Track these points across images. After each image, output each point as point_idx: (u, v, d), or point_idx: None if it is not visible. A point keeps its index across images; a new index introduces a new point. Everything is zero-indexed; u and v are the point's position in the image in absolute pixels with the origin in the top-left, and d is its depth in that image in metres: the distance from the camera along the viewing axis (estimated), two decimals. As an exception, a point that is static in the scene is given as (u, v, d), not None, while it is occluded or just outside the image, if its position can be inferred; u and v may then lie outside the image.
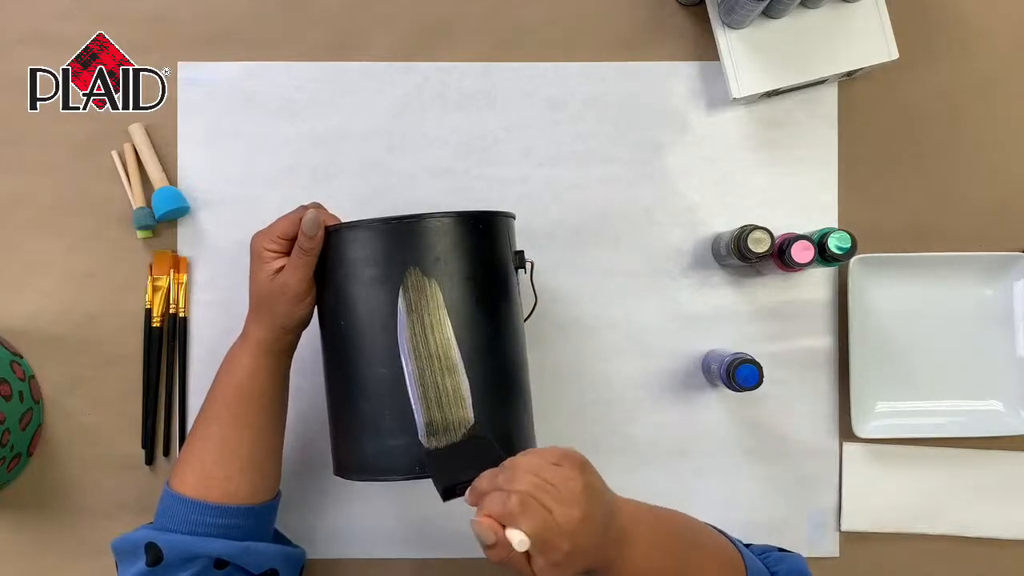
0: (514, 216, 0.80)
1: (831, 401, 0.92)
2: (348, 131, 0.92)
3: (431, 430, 0.71)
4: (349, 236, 0.74)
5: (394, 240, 0.73)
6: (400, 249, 0.73)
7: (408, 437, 0.72)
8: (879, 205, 0.93)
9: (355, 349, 0.74)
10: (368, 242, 0.74)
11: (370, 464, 0.74)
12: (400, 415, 0.72)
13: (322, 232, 0.74)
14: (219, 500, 0.76)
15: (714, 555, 0.70)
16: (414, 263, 0.72)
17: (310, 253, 0.75)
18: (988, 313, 0.92)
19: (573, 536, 0.61)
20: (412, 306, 0.72)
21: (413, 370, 0.72)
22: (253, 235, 0.78)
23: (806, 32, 0.89)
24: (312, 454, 0.91)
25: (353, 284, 0.74)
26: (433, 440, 0.71)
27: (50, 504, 0.91)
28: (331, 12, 0.93)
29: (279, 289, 0.76)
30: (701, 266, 0.92)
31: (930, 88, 0.93)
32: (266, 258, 0.77)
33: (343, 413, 0.76)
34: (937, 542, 0.92)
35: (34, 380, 0.91)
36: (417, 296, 0.72)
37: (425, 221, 0.73)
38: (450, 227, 0.73)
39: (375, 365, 0.73)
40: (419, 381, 0.72)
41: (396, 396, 0.72)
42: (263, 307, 0.78)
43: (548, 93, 0.93)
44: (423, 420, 0.71)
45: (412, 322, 0.72)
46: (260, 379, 0.78)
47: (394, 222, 0.73)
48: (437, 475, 0.70)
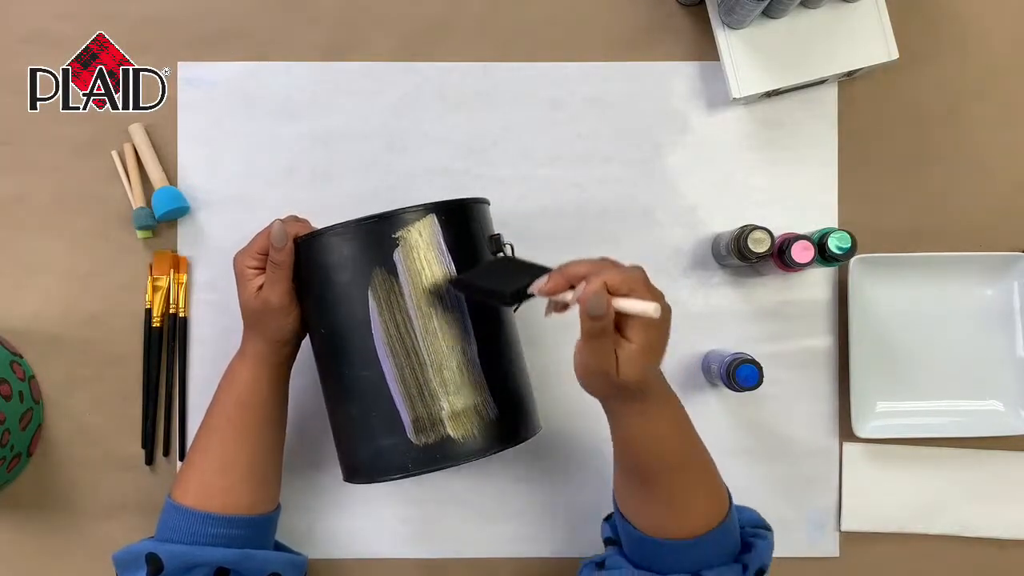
0: (487, 201, 0.80)
1: (831, 401, 0.92)
2: (348, 131, 0.92)
3: (418, 427, 0.71)
4: (317, 244, 0.74)
5: (359, 242, 0.73)
6: (364, 251, 0.73)
7: (397, 436, 0.72)
8: (879, 205, 0.93)
9: (338, 354, 0.75)
10: (335, 247, 0.73)
11: (366, 467, 0.74)
12: (387, 415, 0.72)
13: (291, 244, 0.75)
14: (220, 510, 0.76)
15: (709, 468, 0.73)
16: (379, 263, 0.72)
17: (282, 266, 0.75)
18: (988, 313, 0.92)
19: (668, 331, 0.65)
20: (382, 306, 0.72)
21: (392, 369, 0.72)
22: (235, 255, 0.79)
23: (806, 32, 0.89)
24: (312, 455, 0.91)
25: (328, 290, 0.74)
26: (422, 437, 0.71)
27: (50, 504, 0.91)
28: (331, 12, 0.93)
29: (263, 306, 0.77)
30: (701, 266, 0.92)
31: (930, 88, 0.93)
32: (248, 276, 0.78)
33: (337, 418, 0.77)
34: (937, 542, 0.92)
35: (34, 380, 0.91)
36: (386, 295, 0.72)
37: (385, 220, 0.73)
38: (412, 222, 0.73)
39: (356, 368, 0.73)
40: (399, 380, 0.72)
41: (380, 397, 0.72)
42: (254, 324, 0.79)
43: (548, 93, 0.93)
44: (409, 418, 0.72)
45: (384, 321, 0.72)
46: (260, 391, 0.79)
47: (353, 224, 0.73)
48: (504, 286, 0.69)
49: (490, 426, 0.73)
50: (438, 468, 0.72)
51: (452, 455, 0.72)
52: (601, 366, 0.63)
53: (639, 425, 0.68)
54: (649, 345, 0.63)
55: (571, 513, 0.92)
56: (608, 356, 0.63)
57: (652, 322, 0.62)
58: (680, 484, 0.70)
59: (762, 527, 0.77)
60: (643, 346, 0.63)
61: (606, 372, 0.63)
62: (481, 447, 0.72)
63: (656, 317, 0.61)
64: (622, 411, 0.68)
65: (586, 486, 0.92)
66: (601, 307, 0.61)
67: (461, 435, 0.72)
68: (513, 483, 0.92)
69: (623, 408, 0.68)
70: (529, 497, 0.92)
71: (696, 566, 0.70)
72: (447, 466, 0.72)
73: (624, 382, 0.64)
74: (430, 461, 0.71)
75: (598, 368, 0.64)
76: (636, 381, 0.64)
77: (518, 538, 0.92)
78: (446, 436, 0.71)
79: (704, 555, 0.70)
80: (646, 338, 0.63)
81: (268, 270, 0.76)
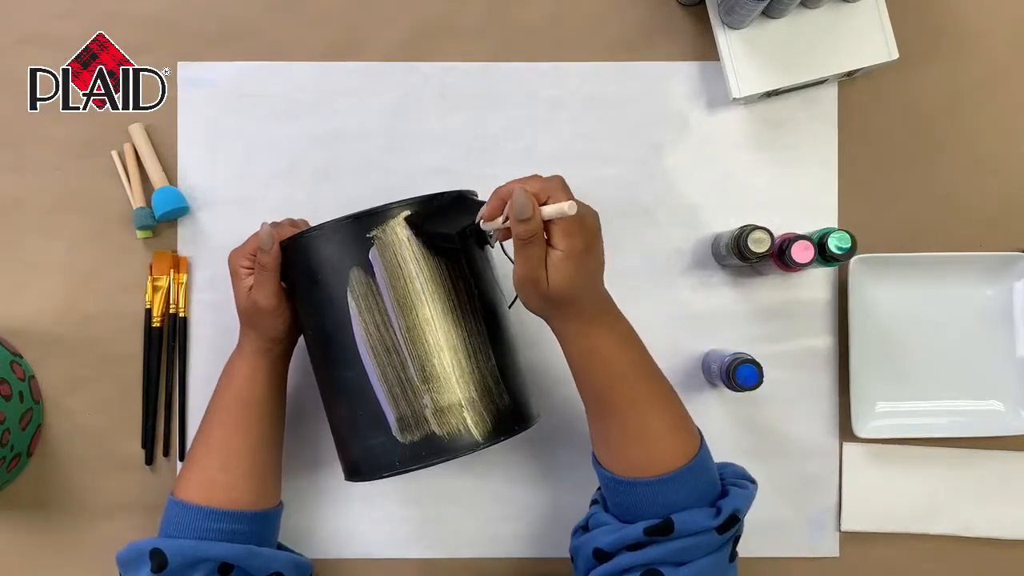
0: (471, 192, 0.78)
1: (831, 401, 0.92)
2: (348, 131, 0.92)
3: (403, 424, 0.71)
4: (299, 245, 0.74)
5: (336, 243, 0.73)
6: (341, 251, 0.73)
7: (384, 435, 0.72)
8: (879, 205, 0.93)
9: (324, 355, 0.75)
10: (315, 249, 0.74)
11: (359, 465, 0.74)
12: (372, 415, 0.72)
13: (277, 247, 0.75)
14: (223, 506, 0.76)
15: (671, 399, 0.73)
16: (356, 263, 0.72)
17: (268, 268, 0.75)
18: (988, 313, 0.92)
19: (594, 238, 0.68)
20: (360, 306, 0.72)
21: (374, 369, 0.72)
22: (229, 253, 0.79)
23: (806, 32, 0.89)
24: (312, 455, 0.91)
25: (312, 292, 0.74)
26: (407, 434, 0.71)
27: (50, 504, 0.91)
28: (331, 12, 0.93)
29: (252, 306, 0.77)
30: (701, 266, 0.92)
31: (930, 88, 0.93)
32: (241, 275, 0.78)
33: (332, 418, 0.77)
34: (937, 542, 0.92)
35: (34, 380, 0.91)
36: (364, 295, 0.72)
37: (360, 220, 0.72)
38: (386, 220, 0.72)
39: (341, 368, 0.73)
40: (382, 379, 0.72)
41: (365, 396, 0.72)
42: (248, 321, 0.80)
43: (548, 93, 0.93)
44: (394, 416, 0.72)
45: (364, 321, 0.72)
46: (258, 385, 0.79)
47: (330, 225, 0.73)
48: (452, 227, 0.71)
49: (478, 421, 0.72)
50: (426, 465, 0.71)
51: (439, 451, 0.71)
52: (531, 273, 0.66)
53: (583, 345, 0.70)
54: (573, 249, 0.65)
55: (571, 513, 0.91)
56: (539, 264, 0.66)
57: (574, 227, 0.65)
58: (639, 413, 0.71)
59: (745, 479, 0.76)
60: (567, 251, 0.65)
61: (536, 281, 0.66)
62: (469, 443, 0.72)
63: (571, 213, 0.63)
64: (564, 331, 0.70)
65: (586, 486, 0.91)
66: (527, 208, 0.63)
67: (447, 431, 0.71)
68: (512, 483, 0.92)
69: (564, 327, 0.70)
70: (529, 497, 0.92)
71: (669, 509, 0.69)
72: (435, 462, 0.71)
73: (554, 292, 0.66)
74: (417, 458, 0.71)
75: (529, 276, 0.66)
76: (565, 289, 0.66)
77: (518, 538, 0.92)
78: (431, 433, 0.71)
79: (677, 496, 0.70)
80: (569, 243, 0.65)
81: (256, 272, 0.76)
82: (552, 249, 0.66)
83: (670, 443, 0.71)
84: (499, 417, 0.73)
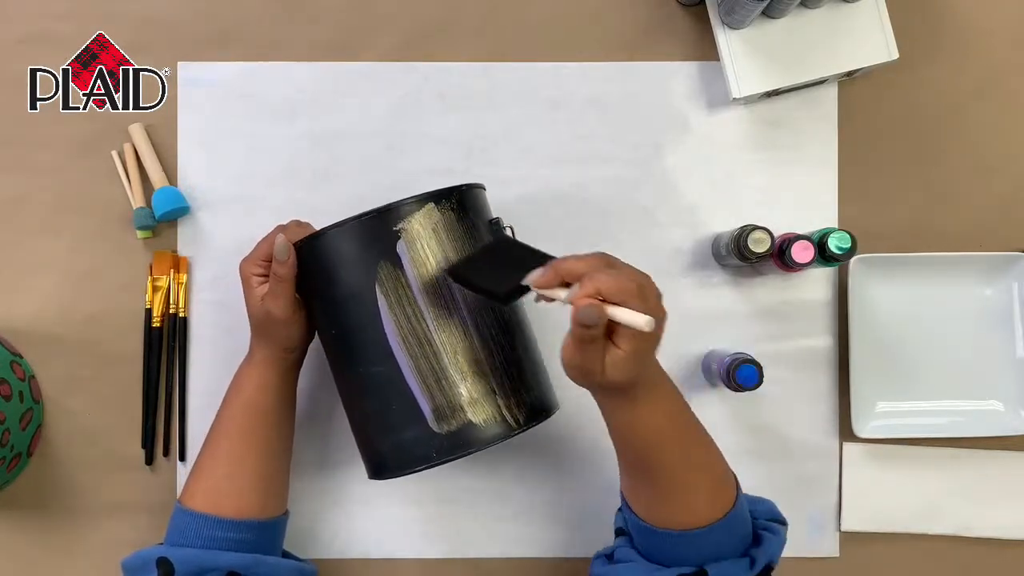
0: (482, 186, 0.79)
1: (831, 401, 0.92)
2: (348, 131, 0.92)
3: (439, 415, 0.71)
4: (319, 245, 0.74)
5: (361, 239, 0.73)
6: (368, 246, 0.73)
7: (419, 427, 0.72)
8: (879, 205, 0.93)
9: (350, 353, 0.75)
10: (338, 246, 0.73)
11: (390, 461, 0.74)
12: (406, 408, 0.72)
13: (293, 257, 0.74)
14: (229, 514, 0.76)
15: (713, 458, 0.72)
16: (384, 257, 0.72)
17: (284, 279, 0.75)
18: (988, 313, 0.92)
19: (660, 339, 0.64)
20: (390, 299, 0.72)
21: (407, 361, 0.72)
22: (240, 261, 0.79)
23: (806, 32, 0.89)
24: (314, 456, 0.91)
25: (335, 290, 0.74)
26: (443, 424, 0.71)
27: (50, 504, 0.91)
28: (331, 12, 0.93)
29: (266, 316, 0.77)
30: (701, 266, 0.92)
31: (930, 88, 0.93)
32: (253, 283, 0.78)
33: (355, 417, 0.77)
34: (937, 542, 0.92)
35: (34, 380, 0.91)
36: (394, 288, 0.72)
37: (386, 214, 0.72)
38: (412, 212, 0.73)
39: (371, 364, 0.73)
40: (415, 371, 0.72)
41: (398, 390, 0.72)
42: (261, 331, 0.79)
43: (548, 93, 0.93)
44: (429, 407, 0.71)
45: (394, 314, 0.72)
46: (267, 395, 0.79)
47: (355, 221, 0.73)
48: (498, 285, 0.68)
49: (511, 408, 0.72)
50: (464, 455, 0.71)
51: (476, 440, 0.71)
52: (586, 366, 0.63)
53: (629, 417, 0.67)
54: (637, 353, 0.62)
55: (572, 513, 0.92)
56: (595, 359, 0.62)
57: (643, 332, 0.60)
58: (681, 475, 0.69)
59: (777, 520, 0.76)
60: (631, 353, 0.62)
61: (591, 372, 0.63)
62: (504, 430, 0.72)
63: (648, 331, 0.59)
64: (609, 404, 0.68)
65: (587, 486, 0.92)
66: (593, 318, 0.59)
67: (483, 419, 0.71)
68: (514, 483, 0.92)
69: (610, 402, 0.68)
70: (529, 497, 0.92)
71: (704, 557, 0.69)
72: (473, 451, 0.71)
73: (609, 383, 0.64)
74: (455, 448, 0.71)
75: (583, 367, 0.63)
76: (620, 383, 0.64)
77: (518, 538, 0.92)
78: (468, 421, 0.71)
79: (712, 546, 0.69)
80: (635, 347, 0.62)
81: (271, 282, 0.76)
82: (614, 347, 0.62)
83: (707, 500, 0.70)
84: (530, 403, 0.74)
